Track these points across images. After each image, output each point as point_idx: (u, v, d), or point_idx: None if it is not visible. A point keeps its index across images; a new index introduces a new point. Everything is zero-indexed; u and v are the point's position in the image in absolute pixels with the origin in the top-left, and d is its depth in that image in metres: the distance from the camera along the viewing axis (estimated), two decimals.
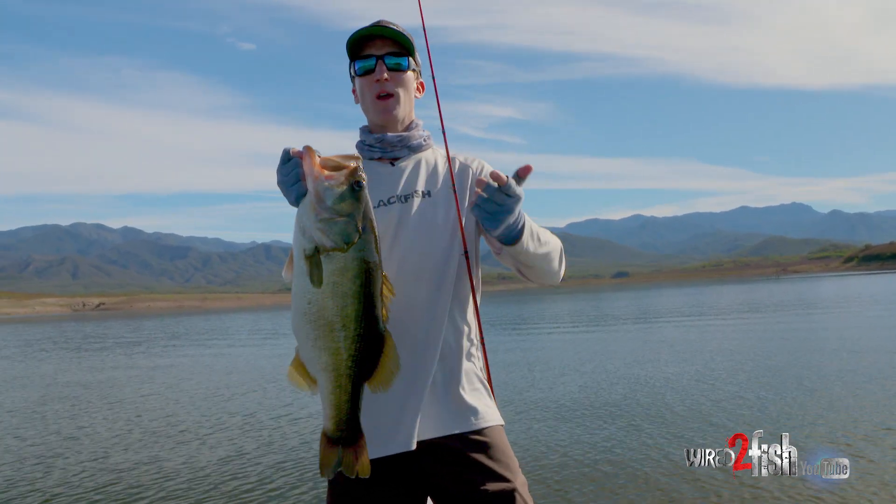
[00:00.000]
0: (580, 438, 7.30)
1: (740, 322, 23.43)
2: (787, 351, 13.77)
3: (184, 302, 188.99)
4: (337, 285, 1.59)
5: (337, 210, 1.56)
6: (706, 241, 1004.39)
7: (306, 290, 1.60)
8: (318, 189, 1.56)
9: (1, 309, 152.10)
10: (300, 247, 1.60)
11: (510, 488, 1.92)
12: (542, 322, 30.43)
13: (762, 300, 39.35)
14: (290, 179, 1.63)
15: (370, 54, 2.03)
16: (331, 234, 1.57)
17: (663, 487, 5.49)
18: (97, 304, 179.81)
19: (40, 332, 46.40)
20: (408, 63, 2.07)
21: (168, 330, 40.52)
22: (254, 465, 7.01)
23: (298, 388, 1.70)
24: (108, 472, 6.99)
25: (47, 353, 25.20)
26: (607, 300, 56.06)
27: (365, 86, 2.06)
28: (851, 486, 5.14)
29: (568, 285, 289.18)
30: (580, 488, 5.68)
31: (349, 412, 1.67)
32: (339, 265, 1.58)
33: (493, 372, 2.14)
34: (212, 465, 7.06)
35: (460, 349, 2.03)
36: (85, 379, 15.85)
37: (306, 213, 1.58)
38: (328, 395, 1.66)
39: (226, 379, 14.50)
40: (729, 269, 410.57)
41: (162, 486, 6.41)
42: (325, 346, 1.62)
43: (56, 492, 6.39)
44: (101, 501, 6.06)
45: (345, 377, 1.64)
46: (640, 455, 6.46)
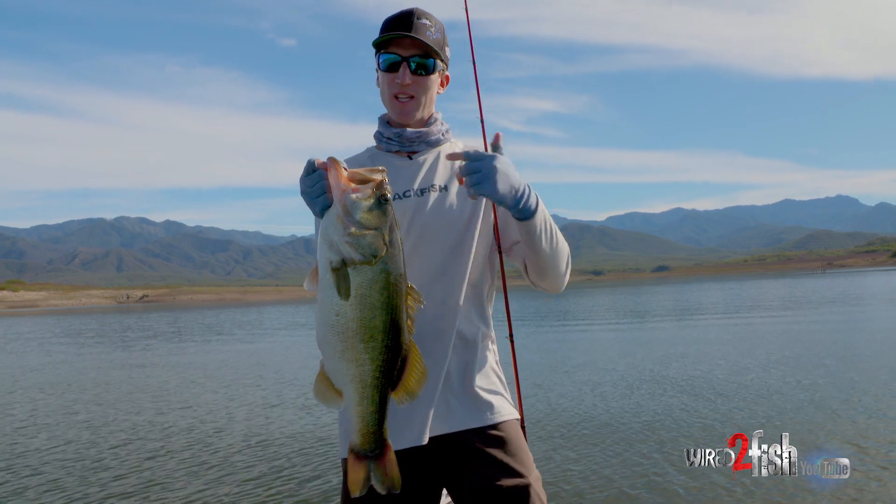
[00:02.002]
0: (579, 436, 7.27)
1: (774, 318, 23.13)
2: (810, 349, 13.54)
3: (225, 294, 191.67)
4: (365, 298, 1.59)
5: (364, 223, 1.56)
6: (748, 235, 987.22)
7: (333, 303, 1.60)
8: (346, 203, 1.56)
9: (49, 301, 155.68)
10: (326, 259, 1.60)
11: (524, 483, 1.92)
12: (568, 317, 30.33)
13: (803, 295, 38.63)
14: (315, 192, 1.64)
15: (396, 52, 2.00)
16: (359, 247, 1.57)
17: (663, 487, 5.45)
18: (141, 297, 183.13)
19: (82, 323, 47.48)
20: (433, 65, 2.03)
21: (213, 322, 41.17)
22: (272, 455, 7.16)
23: (325, 402, 1.70)
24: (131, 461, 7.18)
25: (99, 342, 25.81)
26: (645, 294, 55.59)
27: (386, 82, 2.04)
28: (852, 487, 5.08)
29: (608, 279, 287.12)
30: (580, 488, 5.66)
31: (377, 424, 1.67)
32: (366, 278, 1.59)
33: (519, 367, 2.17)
34: (231, 454, 7.20)
35: (476, 343, 2.03)
36: (135, 364, 16.27)
37: (333, 227, 1.58)
38: (355, 406, 1.66)
39: (262, 370, 14.72)
40: (772, 263, 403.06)
41: (158, 473, 6.55)
42: (353, 357, 1.62)
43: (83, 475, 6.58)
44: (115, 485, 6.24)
45: (372, 388, 1.64)
46: (640, 455, 6.42)
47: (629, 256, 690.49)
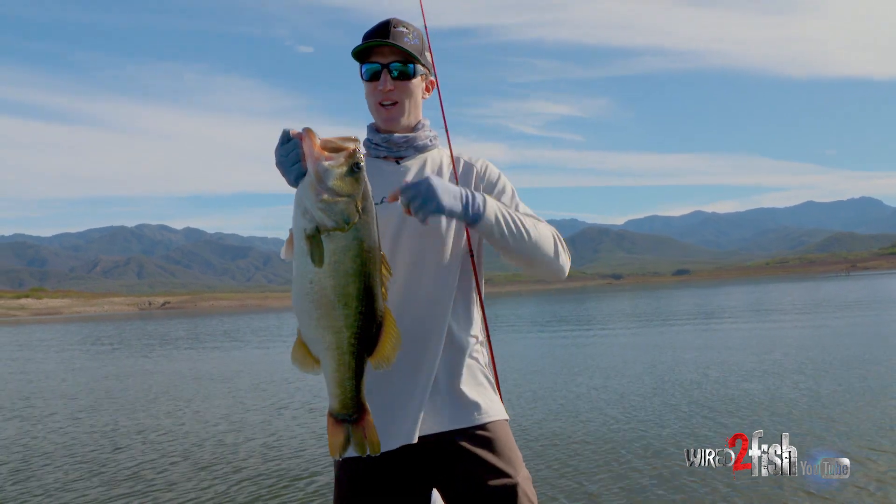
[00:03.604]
0: (580, 436, 7.29)
1: (789, 322, 22.87)
2: (822, 352, 13.40)
3: (246, 300, 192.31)
4: (338, 264, 1.62)
5: (337, 190, 1.59)
6: (770, 238, 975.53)
7: (307, 271, 1.63)
8: (319, 170, 1.59)
9: (72, 308, 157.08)
10: (300, 227, 1.62)
11: (512, 483, 1.96)
12: (581, 321, 30.17)
13: (826, 298, 38.19)
14: (290, 160, 1.65)
15: (376, 61, 2.05)
16: (332, 214, 1.59)
17: (663, 487, 5.45)
18: (162, 303, 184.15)
19: (106, 330, 47.89)
20: (414, 70, 2.07)
21: (232, 328, 41.42)
22: (275, 455, 7.30)
23: (302, 368, 1.73)
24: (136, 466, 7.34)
25: (129, 349, 26.13)
26: (663, 299, 55.16)
27: (370, 91, 2.09)
28: (852, 487, 5.07)
29: (628, 283, 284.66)
30: (579, 487, 5.67)
31: (354, 389, 1.70)
32: (340, 244, 1.61)
33: (519, 368, 2.22)
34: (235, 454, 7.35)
35: (464, 344, 2.07)
36: (168, 371, 16.50)
37: (306, 194, 1.61)
38: (332, 373, 1.69)
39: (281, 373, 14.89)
40: (794, 266, 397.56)
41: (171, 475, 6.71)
42: (328, 324, 1.65)
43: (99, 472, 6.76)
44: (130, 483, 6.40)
45: (348, 354, 1.67)
46: (640, 455, 6.41)
47: (649, 260, 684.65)
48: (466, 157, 2.18)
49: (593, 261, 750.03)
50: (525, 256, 1.99)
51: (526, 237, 1.96)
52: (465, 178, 2.14)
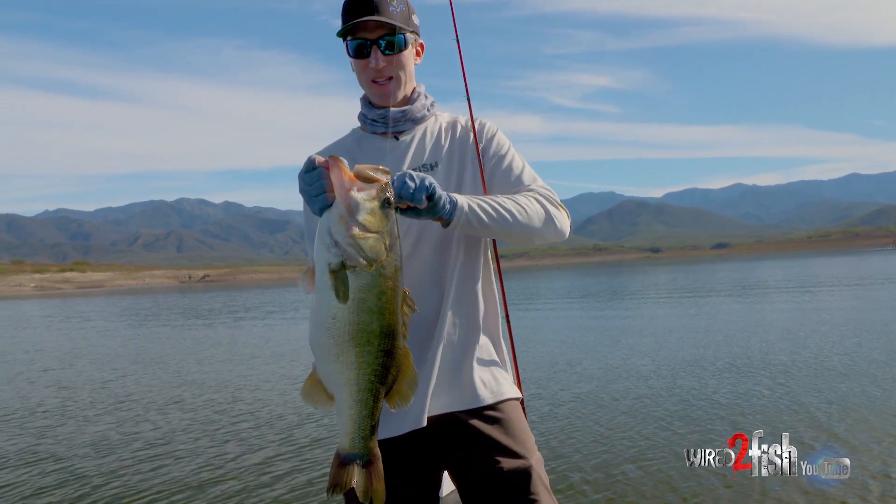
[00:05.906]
0: (579, 435, 7.04)
1: (823, 298, 22.29)
2: (842, 336, 12.92)
3: (284, 273, 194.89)
4: (363, 302, 1.56)
5: (367, 226, 1.52)
6: (812, 211, 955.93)
7: (331, 306, 1.56)
8: (351, 203, 1.52)
9: (115, 281, 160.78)
10: (324, 261, 1.55)
11: (526, 465, 1.88)
12: (605, 297, 29.95)
13: (868, 273, 37.31)
14: (314, 190, 1.58)
15: (363, 37, 1.93)
16: (361, 250, 1.52)
17: (662, 487, 5.35)
18: (202, 277, 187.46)
19: (151, 301, 48.73)
20: (404, 41, 1.96)
21: (280, 299, 41.89)
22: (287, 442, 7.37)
23: (314, 404, 1.66)
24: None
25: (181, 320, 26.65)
26: (702, 272, 54.45)
27: (360, 69, 2.00)
28: (852, 487, 4.96)
29: (666, 256, 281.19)
30: (578, 486, 5.54)
31: (368, 429, 1.63)
32: (365, 282, 1.55)
33: (532, 349, 2.15)
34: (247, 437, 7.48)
35: (473, 323, 2.00)
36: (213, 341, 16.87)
37: (336, 228, 1.53)
38: (347, 410, 1.62)
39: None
40: (837, 239, 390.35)
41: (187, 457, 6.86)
42: (348, 361, 1.59)
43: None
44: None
45: (366, 391, 1.61)
46: (639, 454, 6.24)
47: (687, 233, 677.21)
48: (463, 122, 2.12)
49: (632, 234, 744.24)
50: (517, 236, 1.91)
51: (509, 219, 1.86)
52: (463, 144, 2.08)
